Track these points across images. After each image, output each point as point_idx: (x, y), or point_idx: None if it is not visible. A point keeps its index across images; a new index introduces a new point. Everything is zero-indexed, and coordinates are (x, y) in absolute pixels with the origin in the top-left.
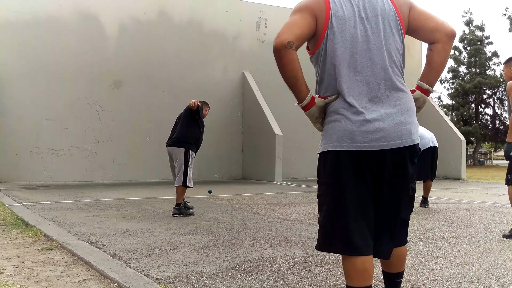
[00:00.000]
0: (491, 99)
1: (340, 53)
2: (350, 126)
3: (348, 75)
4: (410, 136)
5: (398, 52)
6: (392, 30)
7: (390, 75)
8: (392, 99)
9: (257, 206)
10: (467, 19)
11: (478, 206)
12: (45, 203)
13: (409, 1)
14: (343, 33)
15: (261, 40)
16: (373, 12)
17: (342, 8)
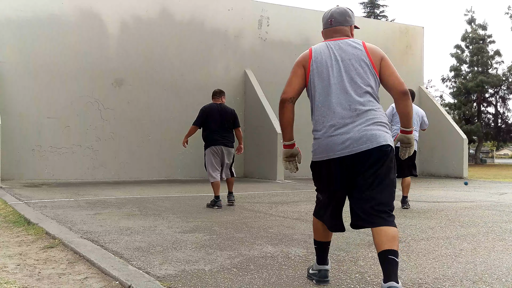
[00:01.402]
0: (493, 98)
1: (322, 84)
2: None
3: (326, 105)
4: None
5: (373, 83)
6: (363, 69)
7: (360, 100)
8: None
9: (259, 204)
10: (470, 18)
11: (479, 205)
12: (47, 201)
13: (382, 53)
14: (321, 72)
15: (263, 39)
16: (346, 56)
17: (320, 55)
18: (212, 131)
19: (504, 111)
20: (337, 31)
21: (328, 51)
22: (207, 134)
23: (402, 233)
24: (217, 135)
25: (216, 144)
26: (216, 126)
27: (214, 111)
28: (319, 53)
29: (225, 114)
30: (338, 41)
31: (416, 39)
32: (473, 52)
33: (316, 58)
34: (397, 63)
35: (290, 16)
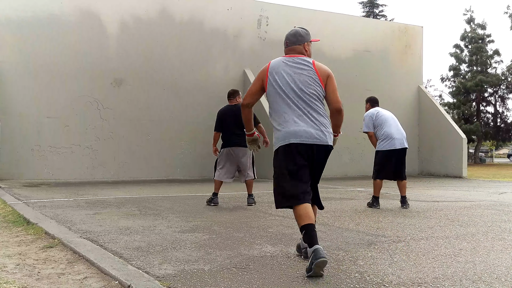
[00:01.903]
0: (492, 97)
1: (279, 95)
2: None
3: (285, 108)
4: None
5: (317, 95)
6: (311, 81)
7: (312, 107)
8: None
9: (258, 204)
10: (469, 17)
11: (479, 204)
12: (46, 201)
13: (329, 72)
14: (277, 82)
15: (262, 38)
16: (299, 70)
17: (278, 68)
18: (228, 133)
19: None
20: (291, 49)
21: (284, 65)
22: (224, 136)
23: (402, 232)
24: (232, 136)
25: (231, 145)
26: (232, 128)
27: (228, 114)
28: (277, 66)
29: (240, 114)
30: (292, 57)
31: (415, 38)
32: (472, 52)
33: (273, 70)
34: (396, 63)
35: (290, 15)
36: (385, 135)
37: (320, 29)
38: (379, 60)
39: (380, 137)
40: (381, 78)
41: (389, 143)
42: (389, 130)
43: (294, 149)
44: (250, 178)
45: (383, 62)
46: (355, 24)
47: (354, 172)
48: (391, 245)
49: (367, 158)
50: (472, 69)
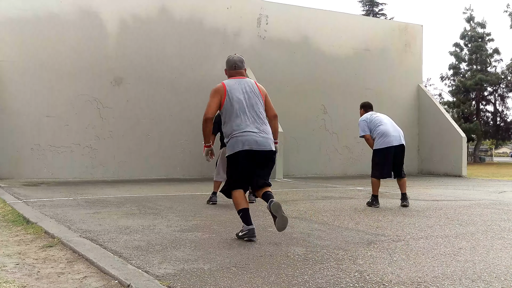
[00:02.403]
0: (492, 96)
1: (235, 108)
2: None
3: (241, 118)
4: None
5: (262, 108)
6: (258, 98)
7: (261, 117)
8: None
9: (258, 203)
10: (468, 16)
11: (478, 203)
12: (46, 200)
13: (265, 90)
14: (234, 99)
15: (262, 37)
16: (250, 89)
17: (233, 87)
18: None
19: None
20: (238, 72)
21: (237, 85)
22: (222, 137)
23: (401, 231)
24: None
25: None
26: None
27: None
28: (232, 86)
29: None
30: (241, 79)
31: (415, 37)
32: (472, 50)
33: (230, 89)
34: (396, 62)
35: (289, 14)
36: (380, 133)
37: (319, 28)
38: (378, 59)
39: (376, 136)
40: (381, 77)
41: (386, 141)
42: (385, 128)
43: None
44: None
45: (383, 61)
46: (355, 22)
47: (354, 171)
48: (391, 244)
49: (367, 157)
50: (471, 67)
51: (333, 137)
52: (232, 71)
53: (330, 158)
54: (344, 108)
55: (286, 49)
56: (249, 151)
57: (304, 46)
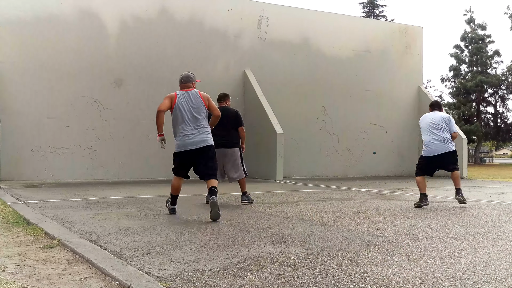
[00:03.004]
0: (492, 97)
1: (180, 114)
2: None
3: (182, 126)
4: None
5: (205, 114)
6: (200, 104)
7: (199, 119)
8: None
9: (258, 204)
10: (469, 18)
11: (479, 204)
12: (46, 201)
13: (207, 96)
14: (181, 106)
15: (262, 39)
16: (194, 98)
17: (181, 97)
18: (213, 133)
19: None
20: (186, 86)
21: (184, 96)
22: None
23: (402, 233)
24: (216, 137)
25: (216, 147)
26: (216, 129)
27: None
28: (180, 96)
29: (226, 116)
30: (188, 91)
31: (415, 39)
32: (472, 52)
33: (179, 98)
34: (396, 63)
35: (290, 16)
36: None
37: (320, 30)
38: (379, 61)
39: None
40: (381, 79)
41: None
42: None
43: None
44: (241, 177)
45: (383, 62)
46: (355, 24)
47: (354, 172)
48: (391, 246)
49: (367, 159)
50: (472, 69)
51: (333, 139)
52: (182, 84)
53: (330, 160)
54: (344, 110)
55: (287, 50)
56: (186, 152)
57: (305, 47)
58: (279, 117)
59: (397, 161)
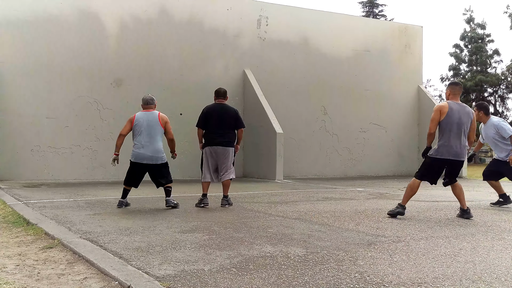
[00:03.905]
0: (492, 97)
1: (137, 132)
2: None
3: (138, 138)
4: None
5: (159, 132)
6: (158, 126)
7: (155, 138)
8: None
9: (258, 204)
10: (468, 17)
11: (479, 204)
12: (46, 201)
13: (166, 120)
14: (139, 126)
15: (262, 38)
16: (152, 119)
17: (139, 118)
18: (211, 131)
19: (503, 110)
20: (147, 107)
21: (142, 116)
22: (206, 134)
23: (401, 232)
24: (215, 135)
25: (213, 144)
26: (215, 126)
27: (214, 111)
28: (139, 117)
29: (225, 114)
30: (148, 112)
31: (415, 38)
32: (472, 51)
33: (138, 118)
34: (396, 63)
35: (289, 15)
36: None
37: (319, 29)
38: (379, 60)
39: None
40: (381, 78)
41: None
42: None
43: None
44: (227, 178)
45: (383, 62)
46: (355, 24)
47: (354, 172)
48: (391, 245)
49: (367, 159)
50: (471, 69)
51: (333, 138)
52: (144, 105)
53: (330, 159)
54: (344, 109)
55: (286, 50)
56: (139, 164)
57: (304, 47)
58: (279, 116)
59: (397, 160)
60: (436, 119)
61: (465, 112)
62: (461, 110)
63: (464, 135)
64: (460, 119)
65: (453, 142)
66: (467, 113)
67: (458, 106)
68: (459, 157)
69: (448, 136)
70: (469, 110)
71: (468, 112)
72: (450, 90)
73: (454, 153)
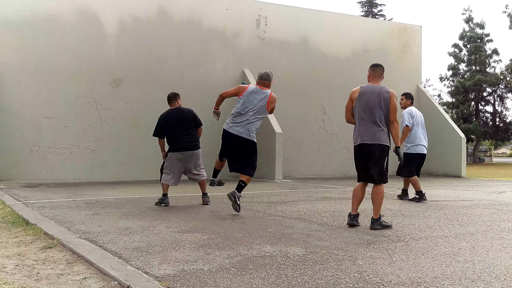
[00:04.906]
0: (491, 96)
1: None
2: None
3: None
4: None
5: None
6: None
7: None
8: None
9: (257, 204)
10: (467, 17)
11: (478, 203)
12: (45, 201)
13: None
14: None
15: (261, 38)
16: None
17: (249, 90)
18: (175, 136)
19: (502, 109)
20: (263, 83)
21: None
22: (171, 140)
23: (401, 232)
24: (179, 140)
25: (181, 149)
26: (175, 132)
27: (172, 117)
28: (249, 90)
29: (183, 116)
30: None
31: (414, 38)
32: (471, 51)
33: (247, 90)
34: (395, 63)
35: (288, 15)
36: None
37: (318, 29)
38: (377, 60)
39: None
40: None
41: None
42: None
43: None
44: (203, 178)
45: (382, 61)
46: (354, 23)
47: (353, 172)
48: (390, 245)
49: None
50: (470, 68)
51: (332, 138)
52: (261, 80)
53: (329, 159)
54: (343, 109)
55: (285, 50)
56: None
57: (303, 47)
58: (278, 116)
59: (396, 160)
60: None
61: (376, 93)
62: (372, 91)
63: (382, 118)
64: (368, 102)
65: (364, 126)
66: (378, 93)
67: (372, 88)
68: (372, 141)
69: (360, 121)
70: (382, 90)
71: (378, 92)
72: (370, 72)
73: (366, 137)
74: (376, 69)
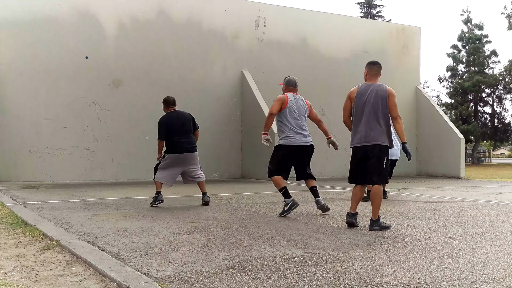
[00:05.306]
0: (489, 97)
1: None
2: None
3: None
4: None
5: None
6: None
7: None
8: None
9: (256, 205)
10: (466, 18)
11: (477, 204)
12: (44, 203)
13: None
14: (291, 108)
15: (260, 39)
16: (302, 106)
17: (291, 99)
18: (175, 139)
19: (500, 110)
20: (292, 89)
21: (293, 97)
22: (171, 143)
23: (400, 233)
24: (180, 143)
25: (180, 152)
26: (178, 134)
27: (174, 120)
28: (291, 99)
29: (183, 119)
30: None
31: (412, 39)
32: (469, 52)
33: (290, 102)
34: (393, 63)
35: (287, 16)
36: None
37: (317, 30)
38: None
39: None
40: (379, 79)
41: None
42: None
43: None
44: (202, 179)
45: (381, 62)
46: (353, 25)
47: None
48: (390, 246)
49: None
50: (469, 69)
51: None
52: (290, 87)
53: (328, 160)
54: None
55: (284, 51)
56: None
57: (302, 48)
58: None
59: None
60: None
61: (373, 91)
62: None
63: (380, 117)
64: (366, 101)
65: (361, 127)
66: (375, 92)
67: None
68: (368, 142)
69: (357, 122)
70: (379, 88)
71: (376, 90)
72: (367, 71)
73: (363, 138)
74: (373, 67)
